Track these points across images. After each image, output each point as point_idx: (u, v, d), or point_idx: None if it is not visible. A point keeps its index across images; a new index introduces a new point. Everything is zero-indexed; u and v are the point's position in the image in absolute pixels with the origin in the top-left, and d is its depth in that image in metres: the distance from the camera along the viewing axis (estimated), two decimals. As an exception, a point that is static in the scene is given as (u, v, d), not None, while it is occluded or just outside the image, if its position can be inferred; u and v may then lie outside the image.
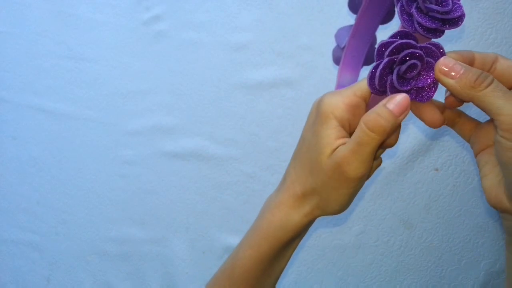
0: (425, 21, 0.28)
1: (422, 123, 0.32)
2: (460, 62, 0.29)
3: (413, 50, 0.28)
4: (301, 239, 0.36)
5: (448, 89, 0.29)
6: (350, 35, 0.38)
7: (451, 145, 0.63)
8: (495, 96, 0.27)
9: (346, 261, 0.65)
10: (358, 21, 0.37)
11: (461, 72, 0.28)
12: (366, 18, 0.37)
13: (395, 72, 0.28)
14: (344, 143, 0.30)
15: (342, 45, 0.39)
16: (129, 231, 0.69)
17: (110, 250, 0.69)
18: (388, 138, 0.32)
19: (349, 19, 0.66)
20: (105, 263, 0.69)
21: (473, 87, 0.28)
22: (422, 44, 0.28)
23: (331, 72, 0.66)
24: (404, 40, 0.28)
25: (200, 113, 0.68)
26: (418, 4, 0.28)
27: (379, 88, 0.29)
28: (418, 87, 0.30)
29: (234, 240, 0.68)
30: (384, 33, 0.36)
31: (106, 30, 0.71)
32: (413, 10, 0.28)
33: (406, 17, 0.28)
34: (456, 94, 0.29)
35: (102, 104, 0.71)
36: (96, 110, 0.71)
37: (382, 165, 0.31)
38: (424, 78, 0.29)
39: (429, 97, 0.30)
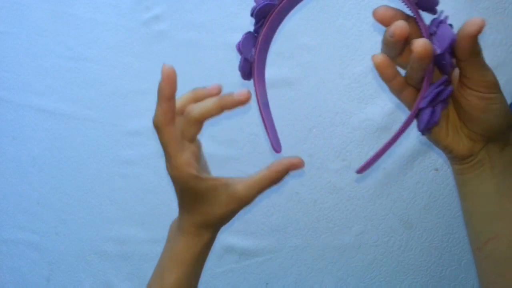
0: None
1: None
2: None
3: (447, 92, 0.31)
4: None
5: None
6: (258, 48, 0.39)
7: (451, 145, 0.63)
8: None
9: (346, 261, 0.65)
10: (264, 33, 0.38)
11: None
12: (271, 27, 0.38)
13: (439, 110, 0.31)
14: None
15: (251, 58, 0.39)
16: (129, 231, 0.69)
17: (110, 250, 0.69)
18: None
19: (349, 19, 0.66)
20: (105, 263, 0.69)
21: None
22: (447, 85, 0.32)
23: (331, 72, 0.66)
24: (440, 88, 0.31)
25: (200, 113, 0.68)
26: None
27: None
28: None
29: (234, 240, 0.68)
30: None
31: (106, 30, 0.71)
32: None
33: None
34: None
35: (102, 104, 0.71)
36: (96, 110, 0.71)
37: (382, 165, 0.31)
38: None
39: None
